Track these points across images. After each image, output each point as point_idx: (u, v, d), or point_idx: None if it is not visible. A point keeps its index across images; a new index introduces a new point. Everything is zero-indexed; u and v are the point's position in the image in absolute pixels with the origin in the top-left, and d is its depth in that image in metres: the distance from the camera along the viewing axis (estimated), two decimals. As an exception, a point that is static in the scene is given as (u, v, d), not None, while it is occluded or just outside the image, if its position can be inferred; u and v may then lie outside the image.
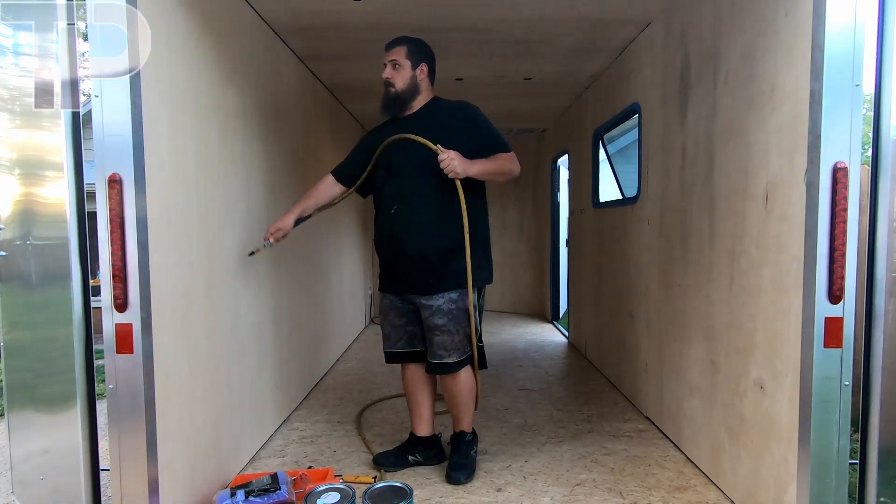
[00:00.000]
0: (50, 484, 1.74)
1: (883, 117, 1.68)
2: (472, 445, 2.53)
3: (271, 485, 2.08)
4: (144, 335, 1.72)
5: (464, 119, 2.39)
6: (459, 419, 2.54)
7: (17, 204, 1.70)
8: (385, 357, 2.61)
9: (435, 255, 2.35)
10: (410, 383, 2.60)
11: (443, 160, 2.23)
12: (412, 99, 2.43)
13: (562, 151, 5.69)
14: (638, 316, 3.36)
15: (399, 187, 2.39)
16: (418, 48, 2.44)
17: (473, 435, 2.56)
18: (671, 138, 2.85)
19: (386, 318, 2.56)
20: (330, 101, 4.55)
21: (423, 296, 2.39)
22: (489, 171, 2.34)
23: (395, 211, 2.39)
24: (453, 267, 2.35)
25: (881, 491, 1.73)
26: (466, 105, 2.44)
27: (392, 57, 2.41)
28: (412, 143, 2.31)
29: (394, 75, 2.39)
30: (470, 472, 2.44)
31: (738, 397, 2.18)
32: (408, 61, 2.40)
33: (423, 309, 2.40)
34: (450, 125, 2.35)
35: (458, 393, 2.48)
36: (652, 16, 3.03)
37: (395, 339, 2.54)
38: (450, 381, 2.47)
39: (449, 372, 2.42)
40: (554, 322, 6.35)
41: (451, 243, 2.34)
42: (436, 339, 2.39)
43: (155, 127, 1.83)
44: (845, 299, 1.65)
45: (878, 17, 1.66)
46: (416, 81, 2.41)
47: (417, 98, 2.44)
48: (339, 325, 4.83)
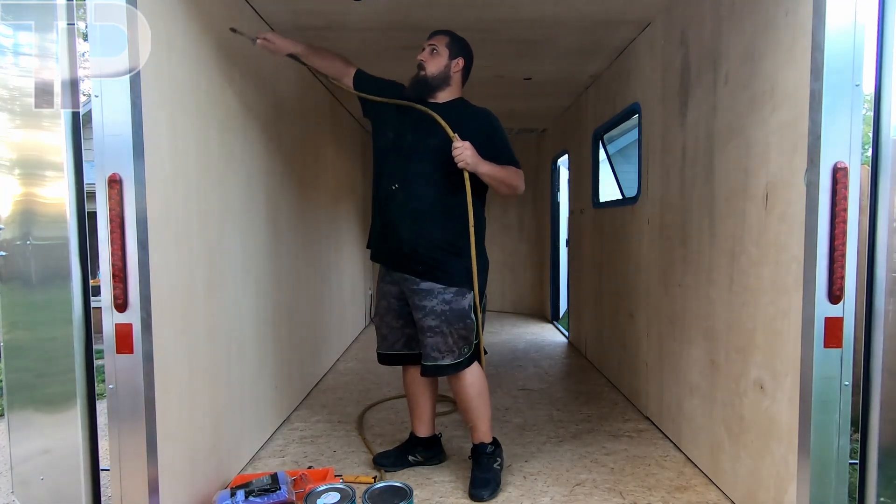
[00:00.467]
0: (50, 484, 1.74)
1: (883, 117, 1.68)
2: (493, 457, 2.38)
3: (271, 485, 2.08)
4: (144, 335, 1.72)
5: (483, 125, 2.37)
6: (475, 427, 2.40)
7: (17, 204, 1.70)
8: (378, 358, 2.56)
9: (427, 246, 2.30)
10: (411, 385, 2.58)
11: (457, 147, 2.19)
12: (439, 88, 2.39)
13: (562, 151, 5.70)
14: (638, 316, 3.36)
15: (404, 167, 2.35)
16: (460, 44, 2.44)
17: (495, 445, 2.42)
18: (671, 138, 2.85)
19: (383, 319, 2.52)
20: (330, 101, 4.55)
21: (410, 277, 2.33)
22: (497, 176, 2.31)
23: (396, 189, 2.34)
24: (450, 264, 2.30)
25: (881, 491, 1.73)
26: (488, 113, 2.43)
27: (432, 42, 2.40)
28: (428, 127, 2.28)
29: (428, 59, 2.38)
30: (495, 487, 2.30)
31: (738, 397, 2.18)
32: (447, 50, 2.38)
33: (416, 310, 2.34)
34: (468, 126, 2.31)
35: (466, 397, 2.38)
36: (652, 16, 3.03)
37: (393, 340, 2.50)
38: (455, 385, 2.40)
39: (444, 374, 2.35)
40: (554, 322, 6.35)
41: (448, 238, 2.31)
42: (428, 341, 2.32)
43: (155, 127, 1.83)
44: (845, 299, 1.65)
45: (878, 17, 1.66)
46: (448, 72, 2.39)
47: (445, 90, 2.41)
48: (339, 325, 4.83)
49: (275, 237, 3.06)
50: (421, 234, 2.31)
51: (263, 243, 2.89)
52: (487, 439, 2.41)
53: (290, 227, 3.37)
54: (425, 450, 2.60)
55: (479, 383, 2.40)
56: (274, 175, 3.06)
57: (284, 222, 3.25)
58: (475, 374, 2.39)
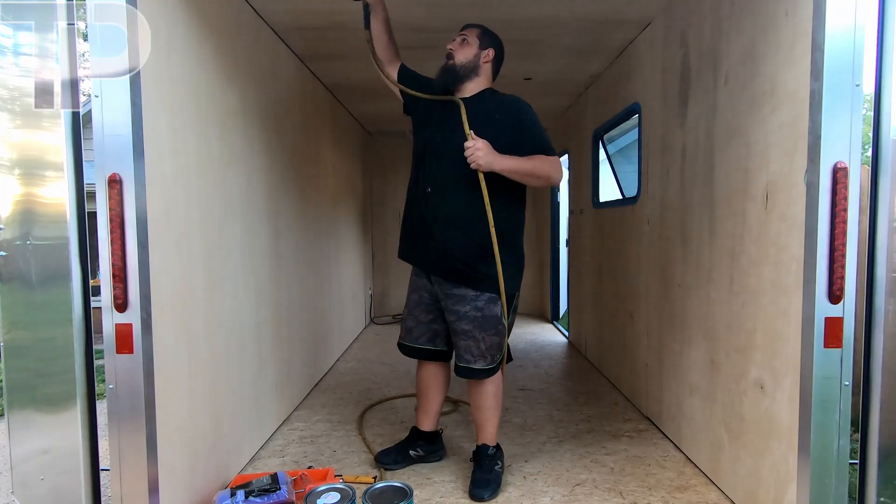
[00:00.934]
0: (50, 484, 1.73)
1: (883, 117, 1.68)
2: (495, 460, 2.41)
3: (271, 485, 2.08)
4: (144, 335, 1.72)
5: (511, 114, 2.32)
6: (483, 428, 2.44)
7: (17, 204, 1.70)
8: (401, 349, 2.56)
9: (460, 252, 2.29)
10: (425, 380, 2.59)
11: (468, 147, 2.14)
12: (467, 78, 2.37)
13: (562, 151, 5.69)
14: (638, 316, 3.36)
15: (436, 170, 2.34)
16: (492, 36, 2.44)
17: (497, 449, 2.45)
18: (671, 138, 2.85)
19: (411, 312, 2.52)
20: (330, 101, 4.55)
21: (442, 281, 2.35)
22: (521, 170, 2.23)
23: (430, 192, 2.34)
24: (482, 270, 2.28)
25: (881, 491, 1.73)
26: (517, 100, 2.38)
27: (463, 33, 2.42)
28: (454, 126, 2.26)
29: (457, 48, 2.38)
30: (495, 489, 2.31)
31: (738, 397, 2.18)
32: (477, 41, 2.39)
33: (449, 313, 2.37)
34: (495, 116, 2.28)
35: (482, 403, 2.42)
36: (652, 16, 3.03)
37: (418, 334, 2.50)
38: (475, 389, 2.43)
39: (474, 377, 2.38)
40: (554, 322, 6.35)
41: (481, 242, 2.27)
42: (461, 344, 2.36)
43: (155, 127, 1.83)
44: (845, 299, 1.65)
45: (878, 17, 1.66)
46: (478, 61, 2.37)
47: (474, 81, 2.39)
48: (339, 325, 4.83)
49: (275, 237, 3.06)
50: (453, 240, 2.30)
51: (263, 243, 2.89)
52: (492, 442, 2.44)
53: (291, 226, 3.37)
54: (427, 444, 2.61)
55: (498, 389, 2.45)
56: (274, 175, 3.06)
57: (284, 222, 3.25)
58: (496, 380, 2.43)
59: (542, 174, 2.28)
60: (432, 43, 2.50)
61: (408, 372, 4.24)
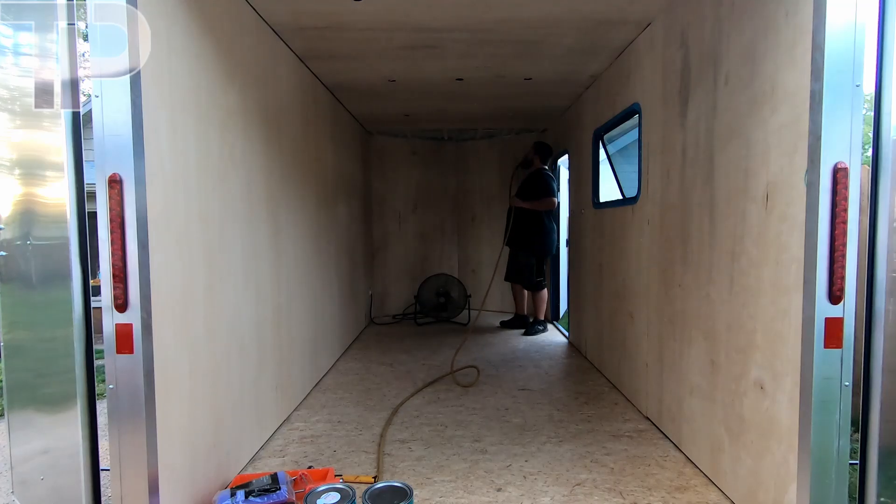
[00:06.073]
0: (50, 484, 1.74)
1: (883, 117, 1.68)
2: (534, 325, 5.70)
3: (271, 485, 2.09)
4: (144, 335, 1.72)
5: (534, 178, 5.54)
6: (521, 307, 5.87)
7: (18, 204, 1.71)
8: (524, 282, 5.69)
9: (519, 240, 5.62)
10: (520, 292, 5.85)
11: (511, 199, 5.65)
12: (529, 165, 5.65)
13: (562, 151, 5.70)
14: (638, 316, 3.36)
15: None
16: (540, 147, 5.65)
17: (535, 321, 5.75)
18: (671, 138, 2.85)
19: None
20: (330, 101, 4.55)
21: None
22: (532, 206, 5.46)
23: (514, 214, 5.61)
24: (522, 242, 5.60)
25: (881, 491, 1.73)
26: (539, 172, 5.54)
27: (530, 151, 5.71)
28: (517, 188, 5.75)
29: (528, 154, 5.70)
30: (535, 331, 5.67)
31: (738, 397, 2.18)
32: (533, 152, 5.67)
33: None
34: (530, 180, 5.57)
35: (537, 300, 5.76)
36: (652, 16, 3.03)
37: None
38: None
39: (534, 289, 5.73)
40: (554, 322, 6.35)
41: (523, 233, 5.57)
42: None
43: (155, 127, 1.83)
44: (845, 299, 1.65)
45: (878, 17, 1.66)
46: (530, 157, 5.67)
47: (531, 167, 5.64)
48: (340, 324, 4.83)
49: (275, 237, 3.06)
50: (517, 235, 5.60)
51: (264, 243, 2.89)
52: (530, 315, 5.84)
53: (291, 226, 3.37)
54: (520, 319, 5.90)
55: (540, 299, 5.72)
56: (274, 174, 3.06)
57: (284, 222, 3.25)
58: (539, 294, 5.71)
59: (541, 208, 5.48)
60: (432, 43, 2.50)
61: (408, 372, 4.25)
